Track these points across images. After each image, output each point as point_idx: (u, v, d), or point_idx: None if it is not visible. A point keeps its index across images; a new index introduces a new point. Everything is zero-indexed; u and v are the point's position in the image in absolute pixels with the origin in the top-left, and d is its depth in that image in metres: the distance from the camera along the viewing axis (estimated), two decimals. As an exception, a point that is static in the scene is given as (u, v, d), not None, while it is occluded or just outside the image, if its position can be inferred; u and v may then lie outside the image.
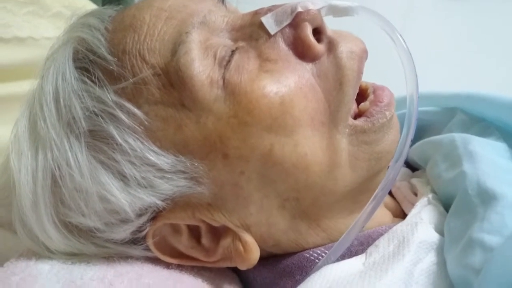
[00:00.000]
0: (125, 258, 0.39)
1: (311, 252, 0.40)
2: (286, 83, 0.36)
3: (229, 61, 0.36)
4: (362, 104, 0.40)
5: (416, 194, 0.46)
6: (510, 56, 1.00)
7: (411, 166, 0.53)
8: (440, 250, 0.36)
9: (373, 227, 0.41)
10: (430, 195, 0.42)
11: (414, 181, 0.48)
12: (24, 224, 0.39)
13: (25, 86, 0.78)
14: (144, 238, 0.39)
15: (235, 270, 0.44)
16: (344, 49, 0.38)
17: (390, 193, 0.49)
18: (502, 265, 0.28)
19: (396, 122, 0.40)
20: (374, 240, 0.39)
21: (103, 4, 1.02)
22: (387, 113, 0.39)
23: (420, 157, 0.49)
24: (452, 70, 1.00)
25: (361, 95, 0.41)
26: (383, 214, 0.44)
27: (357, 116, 0.39)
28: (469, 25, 1.07)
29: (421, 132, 0.54)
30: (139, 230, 0.38)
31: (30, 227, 0.38)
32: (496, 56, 1.02)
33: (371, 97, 0.40)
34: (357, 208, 0.39)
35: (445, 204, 0.41)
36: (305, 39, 0.37)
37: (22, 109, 0.40)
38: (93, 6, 0.92)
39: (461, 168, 0.39)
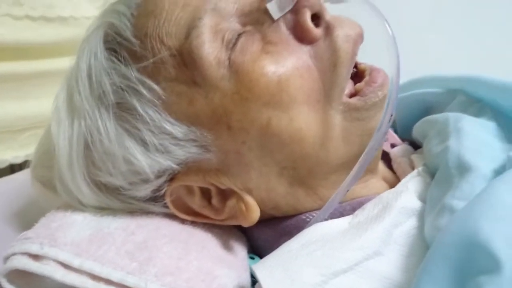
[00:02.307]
0: (146, 213, 0.45)
1: (307, 215, 0.44)
2: (284, 63, 0.40)
3: (235, 44, 0.40)
4: (358, 84, 0.43)
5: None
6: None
7: (415, 144, 0.57)
8: (422, 216, 0.40)
9: (368, 195, 0.45)
10: (421, 168, 0.46)
11: (413, 157, 0.51)
12: (62, 181, 0.45)
13: (68, 62, 0.85)
14: (163, 196, 0.44)
15: (242, 229, 0.49)
16: (340, 33, 0.41)
17: (391, 168, 0.53)
18: (459, 225, 0.32)
19: None
20: None
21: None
22: (379, 93, 0.42)
23: (420, 134, 0.52)
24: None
25: (360, 76, 0.44)
26: (379, 186, 0.48)
27: (353, 95, 0.43)
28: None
29: (427, 111, 0.56)
30: (158, 189, 0.44)
31: (66, 184, 0.44)
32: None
33: (366, 78, 0.43)
34: None
35: (433, 175, 0.43)
36: (304, 24, 0.41)
37: (62, 83, 0.46)
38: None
39: (447, 143, 0.42)
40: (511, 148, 0.41)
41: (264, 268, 0.38)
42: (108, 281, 0.37)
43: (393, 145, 0.56)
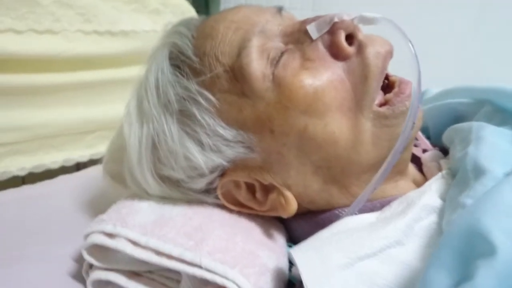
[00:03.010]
0: (201, 203, 0.52)
1: (339, 210, 0.50)
2: (320, 77, 0.46)
3: (278, 61, 0.47)
4: (387, 95, 0.48)
5: (442, 173, 0.54)
6: None
7: (446, 150, 0.61)
8: (441, 213, 0.44)
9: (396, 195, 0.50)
10: (445, 171, 0.50)
11: (442, 161, 0.54)
12: (132, 174, 0.53)
13: (129, 72, 0.95)
14: (215, 189, 0.51)
15: (281, 220, 0.55)
16: (371, 50, 0.47)
17: (422, 172, 0.57)
18: (465, 218, 0.36)
19: None
20: None
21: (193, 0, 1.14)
22: (406, 103, 0.46)
23: (448, 141, 0.56)
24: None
25: (391, 87, 0.49)
26: (407, 186, 0.52)
27: (382, 104, 0.47)
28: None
29: (457, 119, 0.59)
30: (211, 183, 0.51)
31: (135, 177, 0.52)
32: None
33: (396, 89, 0.48)
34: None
35: (455, 178, 0.47)
36: (338, 43, 0.47)
37: (132, 93, 0.54)
38: (183, 2, 1.05)
39: (467, 149, 0.46)
40: None
41: (299, 251, 0.44)
42: (169, 256, 0.44)
43: (424, 151, 0.60)
